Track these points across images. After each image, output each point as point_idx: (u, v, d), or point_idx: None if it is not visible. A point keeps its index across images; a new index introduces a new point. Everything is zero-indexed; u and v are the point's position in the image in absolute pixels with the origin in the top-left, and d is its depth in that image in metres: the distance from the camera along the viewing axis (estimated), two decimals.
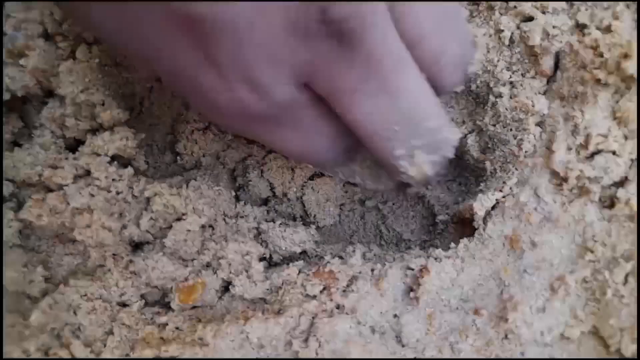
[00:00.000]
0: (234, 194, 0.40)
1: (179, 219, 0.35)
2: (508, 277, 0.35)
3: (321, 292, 0.36)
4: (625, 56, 0.32)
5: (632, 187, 0.33)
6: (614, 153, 0.33)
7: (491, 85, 0.40)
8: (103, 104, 0.34)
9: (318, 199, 0.43)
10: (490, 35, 0.39)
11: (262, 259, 0.41)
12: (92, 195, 0.34)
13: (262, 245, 0.41)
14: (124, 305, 0.37)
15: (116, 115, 0.34)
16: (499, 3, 0.38)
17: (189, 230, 0.35)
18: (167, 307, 0.38)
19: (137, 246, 0.38)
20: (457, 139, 0.34)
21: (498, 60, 0.39)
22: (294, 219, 0.44)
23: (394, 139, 0.29)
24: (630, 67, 0.32)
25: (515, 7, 0.37)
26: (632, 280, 0.31)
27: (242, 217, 0.40)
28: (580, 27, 0.35)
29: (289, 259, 0.42)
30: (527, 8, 0.36)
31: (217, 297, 0.38)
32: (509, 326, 0.33)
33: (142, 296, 0.37)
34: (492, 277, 0.35)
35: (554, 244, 0.34)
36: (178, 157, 0.40)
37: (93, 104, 0.33)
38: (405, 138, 0.30)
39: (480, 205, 0.37)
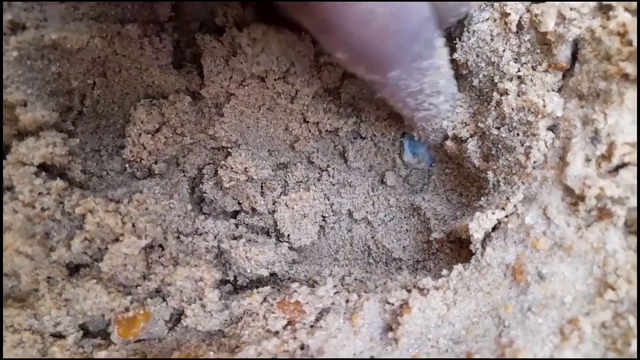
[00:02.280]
0: (190, 207, 0.35)
1: (116, 240, 0.31)
2: (509, 315, 0.29)
3: (284, 327, 0.31)
4: None
5: None
6: None
7: (495, 80, 0.34)
8: (25, 105, 0.29)
9: (293, 215, 0.37)
10: (495, 20, 0.33)
11: (225, 282, 0.36)
12: (16, 212, 0.30)
13: (225, 267, 0.36)
14: (59, 336, 0.32)
15: (40, 118, 0.29)
16: None
17: (127, 254, 0.30)
18: (109, 338, 0.33)
19: (76, 268, 0.33)
20: None
21: (504, 50, 0.33)
22: (268, 234, 0.39)
23: None
24: None
25: None
26: None
27: (200, 234, 0.35)
28: (605, 9, 0.29)
29: (256, 281, 0.37)
30: None
31: (167, 328, 0.33)
32: None
33: (82, 326, 0.33)
34: (489, 315, 0.30)
35: (566, 277, 0.28)
36: (127, 165, 0.36)
37: (12, 104, 0.29)
38: None
39: (478, 225, 0.31)
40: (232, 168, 0.36)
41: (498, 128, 0.33)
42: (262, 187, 0.39)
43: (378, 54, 0.25)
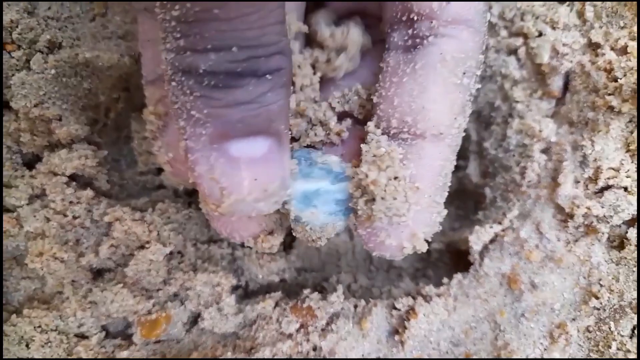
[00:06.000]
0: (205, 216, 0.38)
1: (142, 247, 0.34)
2: (504, 320, 0.33)
3: (297, 330, 0.35)
4: None
5: None
6: (625, 189, 0.31)
7: (496, 104, 0.38)
8: (60, 119, 0.32)
9: None
10: (498, 51, 0.37)
11: (237, 287, 0.40)
12: (48, 219, 0.33)
13: (237, 272, 0.39)
14: (82, 336, 0.35)
15: (74, 132, 0.33)
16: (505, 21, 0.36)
17: (152, 260, 0.34)
18: (130, 338, 0.36)
19: (99, 272, 0.36)
20: None
21: (505, 78, 0.37)
22: None
23: None
24: None
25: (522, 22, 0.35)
26: None
27: (214, 242, 0.38)
28: (594, 47, 0.33)
29: (266, 287, 0.41)
30: (533, 23, 0.35)
31: (184, 330, 0.36)
32: None
33: (104, 327, 0.36)
34: (486, 320, 0.34)
35: (555, 286, 0.33)
36: (140, 176, 0.39)
37: (48, 119, 0.32)
38: None
39: (477, 238, 0.35)
40: None
41: (496, 148, 0.38)
42: None
43: None
